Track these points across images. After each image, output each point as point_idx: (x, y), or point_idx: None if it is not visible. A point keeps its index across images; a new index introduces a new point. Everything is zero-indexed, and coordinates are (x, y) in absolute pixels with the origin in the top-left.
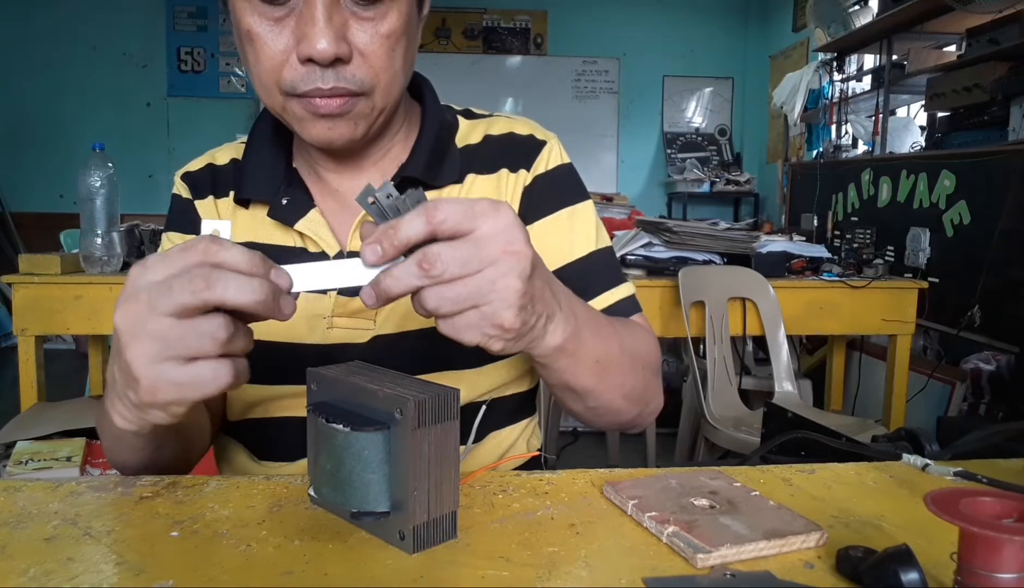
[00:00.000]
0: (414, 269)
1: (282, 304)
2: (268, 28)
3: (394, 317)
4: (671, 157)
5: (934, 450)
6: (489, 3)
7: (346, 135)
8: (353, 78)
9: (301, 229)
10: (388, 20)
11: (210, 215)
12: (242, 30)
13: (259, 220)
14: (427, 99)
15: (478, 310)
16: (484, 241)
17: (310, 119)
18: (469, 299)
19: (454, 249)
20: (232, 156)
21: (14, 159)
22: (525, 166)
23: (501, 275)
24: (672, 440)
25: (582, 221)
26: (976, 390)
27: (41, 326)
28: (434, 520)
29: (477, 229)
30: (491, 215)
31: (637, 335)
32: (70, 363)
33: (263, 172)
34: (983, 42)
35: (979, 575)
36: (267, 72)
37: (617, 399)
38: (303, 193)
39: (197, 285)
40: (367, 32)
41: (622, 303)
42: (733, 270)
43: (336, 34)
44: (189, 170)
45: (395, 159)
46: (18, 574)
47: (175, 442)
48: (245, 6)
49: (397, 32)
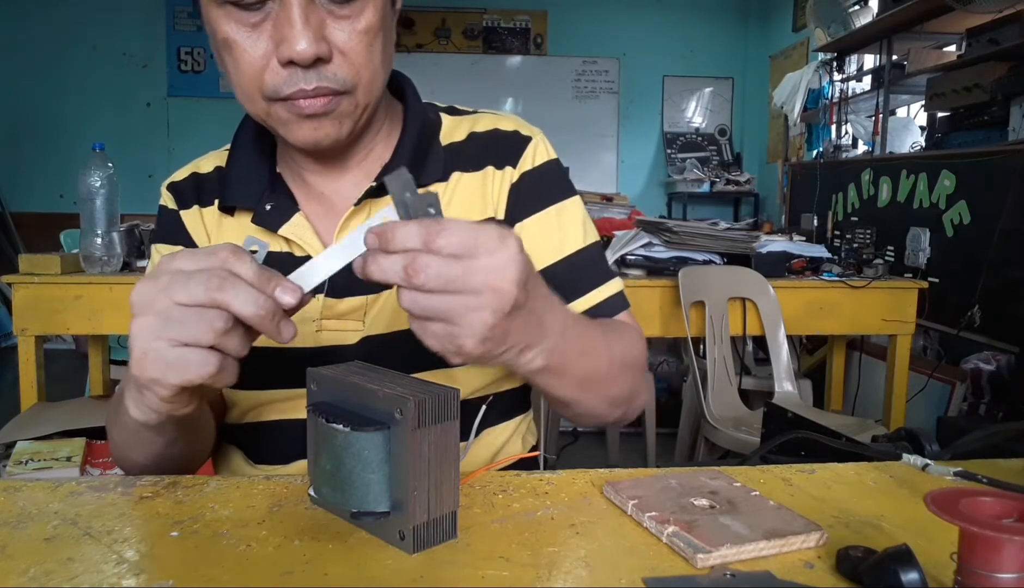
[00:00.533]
0: (399, 270)
1: (282, 326)
2: (245, 35)
3: (383, 318)
4: (671, 157)
5: (934, 450)
6: (489, 3)
7: (332, 134)
8: (335, 77)
9: (285, 234)
10: (364, 16)
11: (196, 226)
12: (219, 39)
13: (244, 227)
14: (409, 97)
15: (444, 325)
16: (474, 270)
17: (295, 121)
18: (439, 314)
19: (442, 267)
20: (216, 164)
21: (14, 159)
22: (511, 163)
23: (476, 307)
24: (672, 440)
25: (570, 217)
26: (976, 390)
27: (41, 326)
28: (434, 520)
29: (473, 257)
30: (491, 249)
31: (625, 339)
32: (70, 363)
33: (246, 179)
34: (983, 42)
35: (979, 575)
36: (248, 79)
37: (602, 406)
38: (287, 198)
39: (212, 283)
40: (345, 30)
41: (610, 301)
42: (733, 270)
43: (315, 34)
44: (174, 180)
45: (378, 158)
46: (18, 574)
47: (184, 441)
48: (220, 14)
49: (375, 28)
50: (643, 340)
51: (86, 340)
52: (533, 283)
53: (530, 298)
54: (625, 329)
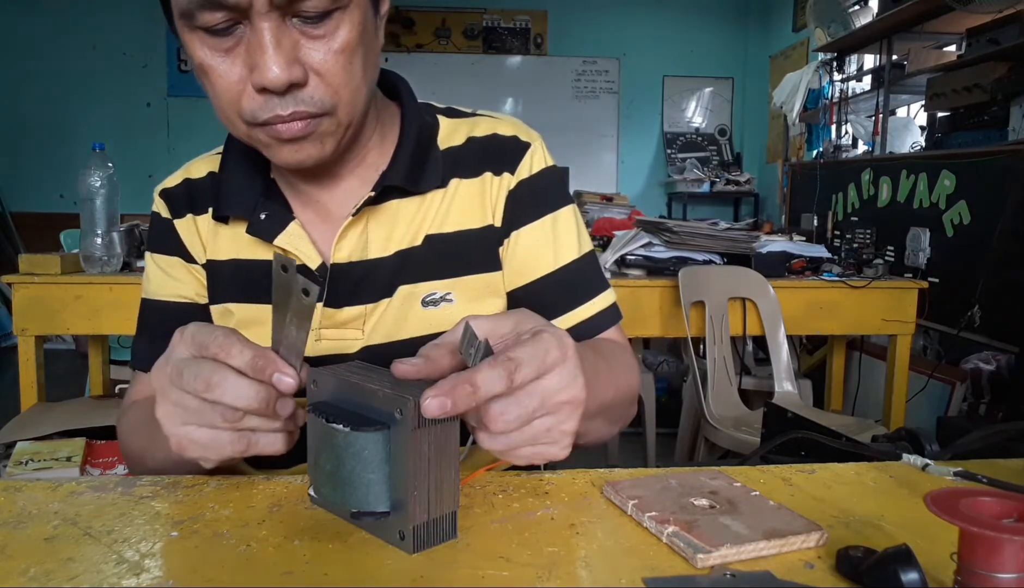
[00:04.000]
0: (479, 423)
1: (278, 407)
2: (220, 60)
3: (383, 327)
4: (671, 157)
5: (934, 450)
6: (489, 3)
7: (314, 155)
8: (312, 100)
9: (281, 244)
10: (340, 34)
11: (190, 235)
12: (195, 63)
13: (239, 236)
14: (405, 99)
15: (532, 448)
16: (548, 394)
17: (275, 145)
18: (524, 443)
19: (519, 406)
20: (209, 169)
21: (14, 159)
22: (509, 170)
23: (559, 423)
24: (672, 440)
25: (565, 227)
26: (976, 390)
27: (41, 326)
28: (434, 520)
29: (542, 379)
30: (559, 367)
31: (625, 364)
32: (70, 363)
33: (241, 187)
34: (983, 42)
35: (979, 575)
36: (226, 103)
37: (604, 431)
38: (282, 207)
39: (200, 382)
40: (320, 50)
41: (604, 313)
42: (733, 270)
43: (287, 59)
44: (167, 187)
45: (373, 165)
46: (18, 574)
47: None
48: (194, 39)
49: (352, 44)
50: (636, 362)
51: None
52: (584, 366)
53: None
54: (621, 353)
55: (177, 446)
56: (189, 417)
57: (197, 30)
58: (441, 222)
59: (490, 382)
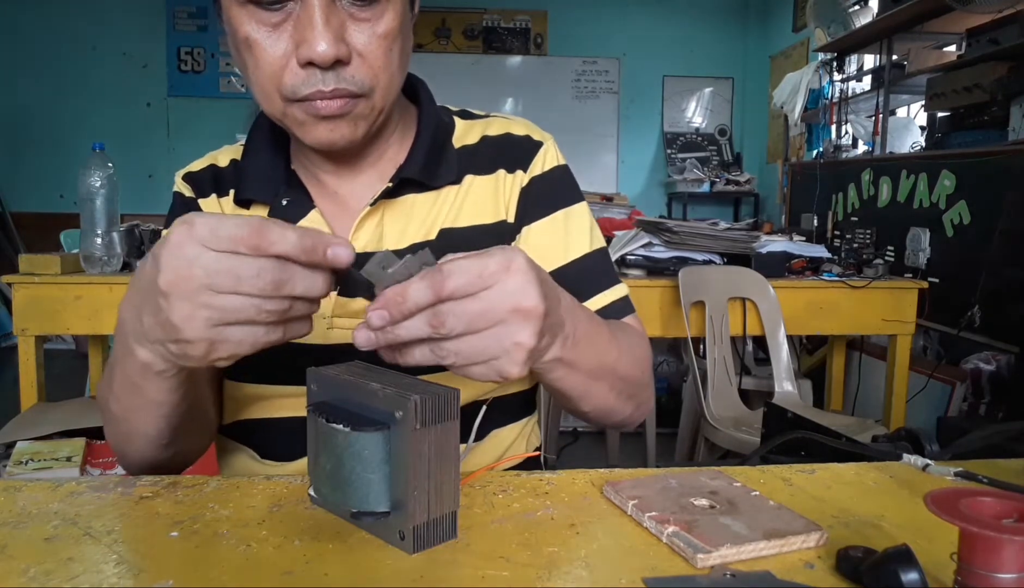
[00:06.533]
0: (424, 327)
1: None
2: (266, 34)
3: None
4: (671, 157)
5: (934, 450)
6: (489, 3)
7: (347, 136)
8: (353, 79)
9: None
10: (385, 20)
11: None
12: (239, 38)
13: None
14: (423, 100)
15: (485, 364)
16: (493, 301)
17: (311, 122)
18: (476, 356)
19: (462, 307)
20: (232, 158)
21: (14, 159)
22: (522, 167)
23: (509, 334)
24: (672, 440)
25: (577, 223)
26: (976, 390)
27: (41, 326)
28: (434, 520)
29: (487, 287)
30: (502, 274)
31: (632, 339)
32: (70, 363)
33: (263, 173)
34: (983, 42)
35: (979, 575)
36: (267, 78)
37: (611, 400)
38: (303, 194)
39: (265, 286)
40: (365, 33)
41: (616, 304)
42: (733, 270)
43: (335, 36)
44: (191, 170)
45: (392, 160)
46: (18, 574)
47: (187, 406)
48: (242, 13)
49: (394, 32)
50: (648, 345)
51: (86, 340)
52: (548, 285)
53: (549, 300)
54: (632, 331)
55: (203, 351)
56: (227, 316)
57: (247, 4)
58: (455, 217)
59: (418, 292)
